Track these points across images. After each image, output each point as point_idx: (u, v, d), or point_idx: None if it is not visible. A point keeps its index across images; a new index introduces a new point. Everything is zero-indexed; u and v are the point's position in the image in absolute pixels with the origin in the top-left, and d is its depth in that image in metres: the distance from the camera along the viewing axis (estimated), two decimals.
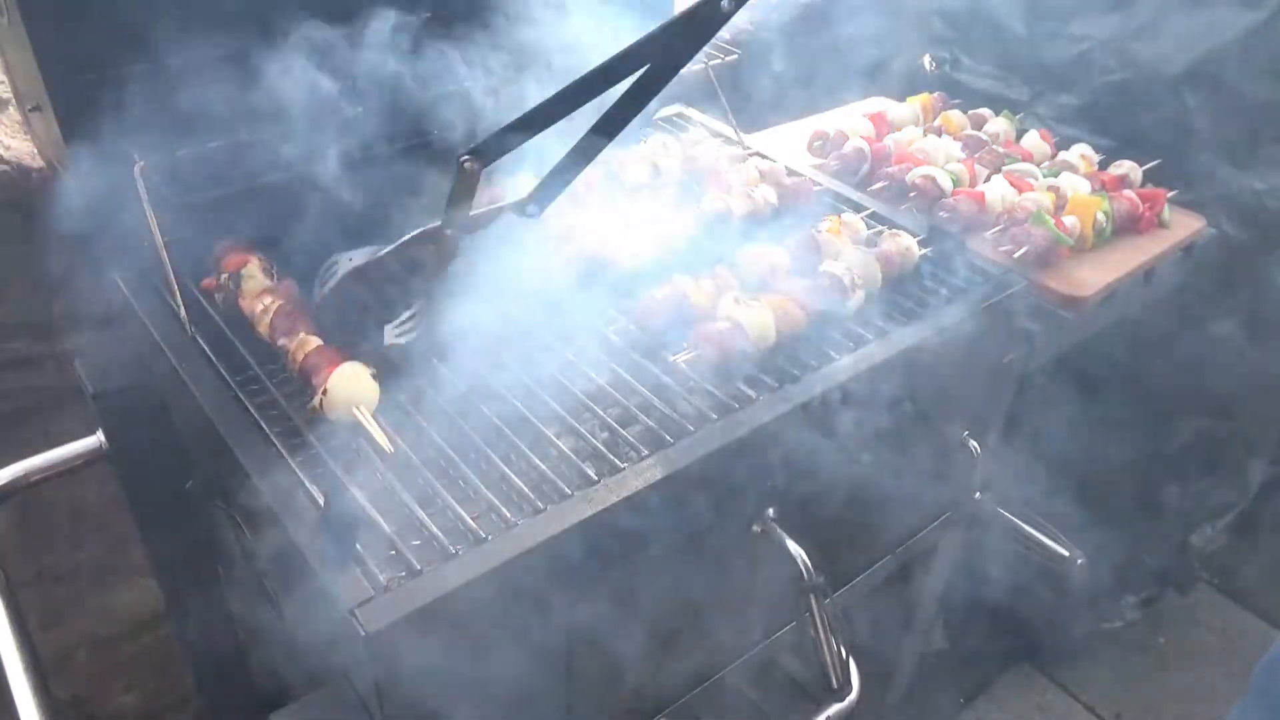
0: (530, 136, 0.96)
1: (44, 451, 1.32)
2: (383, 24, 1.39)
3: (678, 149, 1.64)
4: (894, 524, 1.55)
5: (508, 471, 1.04)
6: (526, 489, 1.01)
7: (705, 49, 1.66)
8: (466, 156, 0.96)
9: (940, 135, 1.98)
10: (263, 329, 1.18)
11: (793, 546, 1.16)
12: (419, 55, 1.43)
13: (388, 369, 1.13)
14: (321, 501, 0.93)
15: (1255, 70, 1.94)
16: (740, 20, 2.17)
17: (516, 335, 1.26)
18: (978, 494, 1.59)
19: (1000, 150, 1.92)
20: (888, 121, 2.01)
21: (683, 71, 1.60)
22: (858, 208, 1.60)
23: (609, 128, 0.96)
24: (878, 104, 2.20)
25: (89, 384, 1.28)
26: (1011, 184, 1.76)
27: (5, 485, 1.27)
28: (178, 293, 1.19)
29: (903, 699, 2.35)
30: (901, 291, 1.38)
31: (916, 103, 2.12)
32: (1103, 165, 1.97)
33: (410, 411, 1.12)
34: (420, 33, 1.43)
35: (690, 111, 1.85)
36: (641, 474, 1.02)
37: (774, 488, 1.18)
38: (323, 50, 1.43)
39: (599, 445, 1.07)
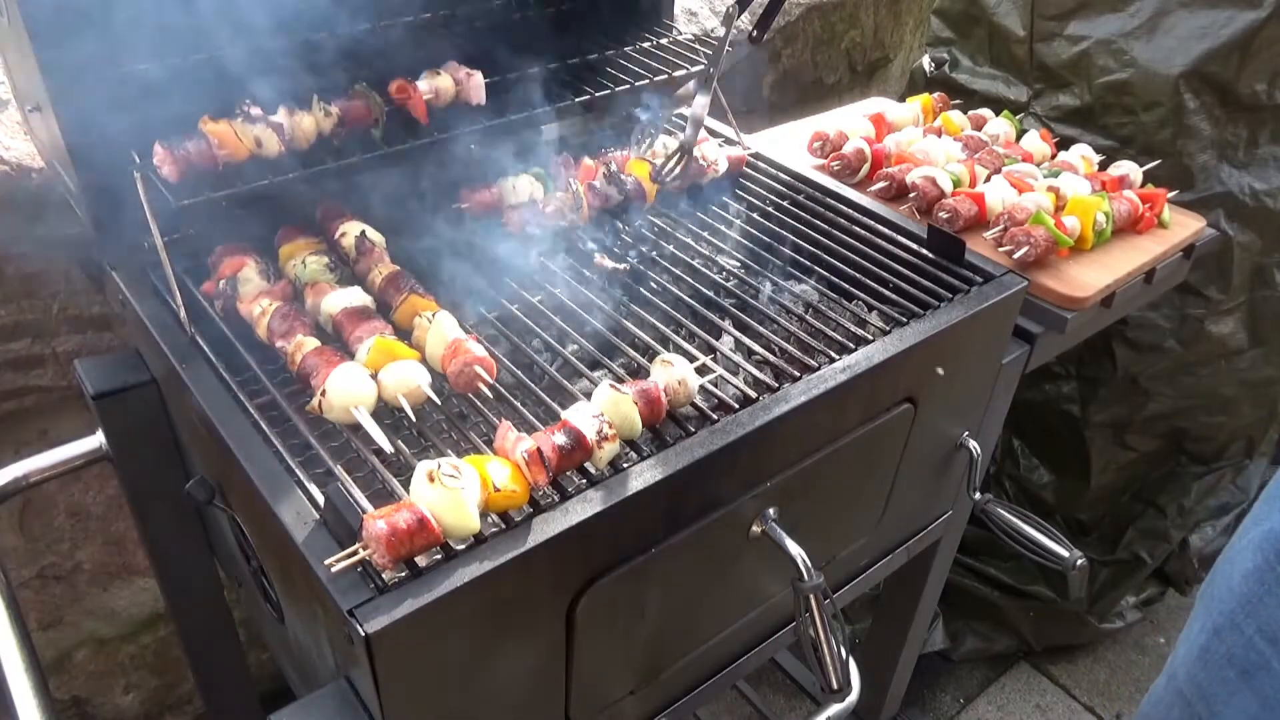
0: None
1: (44, 451, 1.32)
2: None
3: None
4: (894, 524, 1.55)
5: None
6: None
7: (704, 50, 1.66)
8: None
9: (940, 136, 1.98)
10: (261, 331, 1.18)
11: (792, 546, 1.16)
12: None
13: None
14: (321, 501, 0.93)
15: (1255, 70, 1.94)
16: (741, 21, 2.17)
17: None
18: (977, 494, 1.59)
19: (1000, 151, 1.92)
20: (888, 122, 2.01)
21: (682, 72, 1.62)
22: (859, 209, 1.60)
23: None
24: (878, 104, 2.20)
25: (89, 384, 1.29)
26: (1011, 184, 1.76)
27: (5, 485, 1.27)
28: (178, 293, 1.19)
29: (903, 699, 2.35)
30: (901, 292, 1.38)
31: (916, 103, 2.12)
32: (1103, 165, 1.97)
33: (409, 411, 1.12)
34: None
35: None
36: (641, 474, 1.02)
37: (774, 488, 1.18)
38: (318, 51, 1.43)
39: None
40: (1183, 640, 1.15)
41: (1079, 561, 1.51)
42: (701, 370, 1.16)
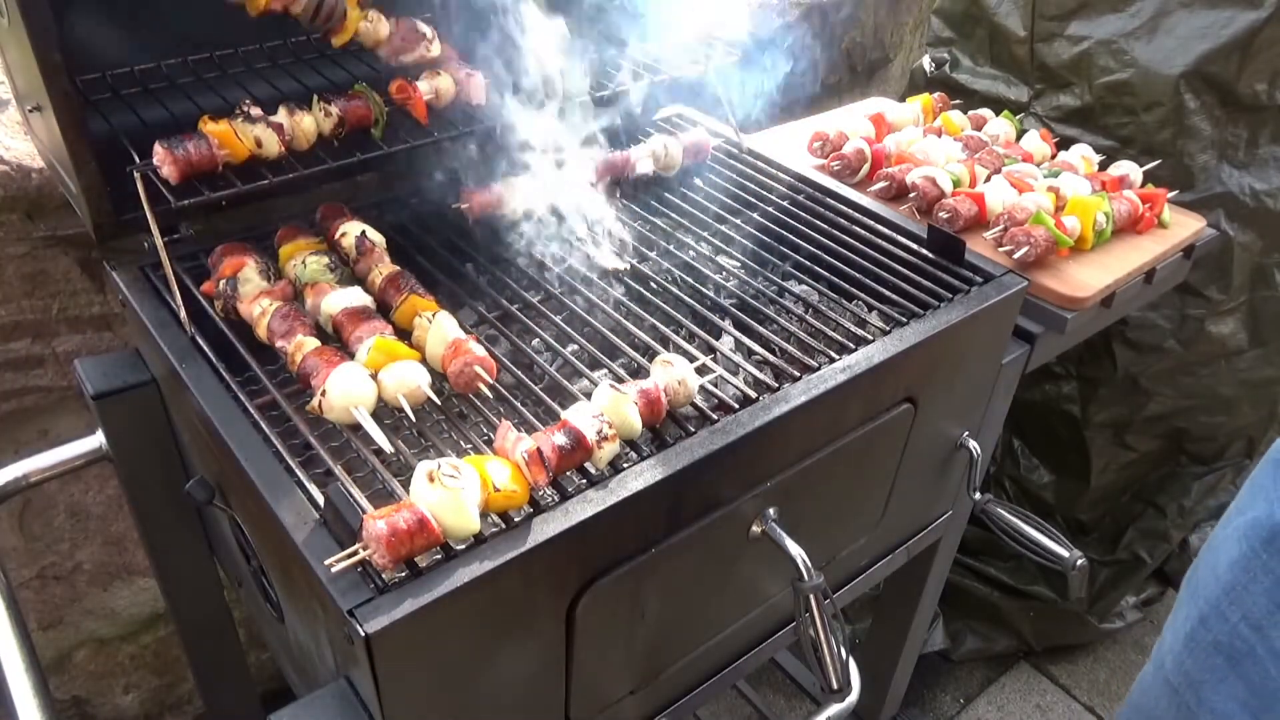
0: None
1: (44, 451, 1.32)
2: None
3: (678, 149, 1.64)
4: (894, 524, 1.55)
5: None
6: None
7: (704, 50, 1.66)
8: None
9: (940, 136, 1.98)
10: (261, 331, 1.18)
11: (792, 546, 1.16)
12: None
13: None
14: (321, 501, 0.93)
15: (1255, 70, 1.94)
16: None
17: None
18: (977, 494, 1.59)
19: (1000, 151, 1.92)
20: (888, 122, 2.01)
21: (682, 73, 1.61)
22: (859, 209, 1.60)
23: None
24: (878, 104, 2.20)
25: (89, 384, 1.29)
26: (1011, 184, 1.76)
27: (5, 485, 1.28)
28: (178, 293, 1.19)
29: (903, 699, 2.35)
30: (901, 292, 1.38)
31: (916, 103, 2.12)
32: (1103, 165, 1.97)
33: (409, 411, 1.12)
34: None
35: (690, 111, 1.85)
36: (641, 474, 1.02)
37: (774, 488, 1.18)
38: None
39: None
40: (1168, 628, 1.16)
41: (1079, 561, 1.51)
42: (701, 370, 1.16)
